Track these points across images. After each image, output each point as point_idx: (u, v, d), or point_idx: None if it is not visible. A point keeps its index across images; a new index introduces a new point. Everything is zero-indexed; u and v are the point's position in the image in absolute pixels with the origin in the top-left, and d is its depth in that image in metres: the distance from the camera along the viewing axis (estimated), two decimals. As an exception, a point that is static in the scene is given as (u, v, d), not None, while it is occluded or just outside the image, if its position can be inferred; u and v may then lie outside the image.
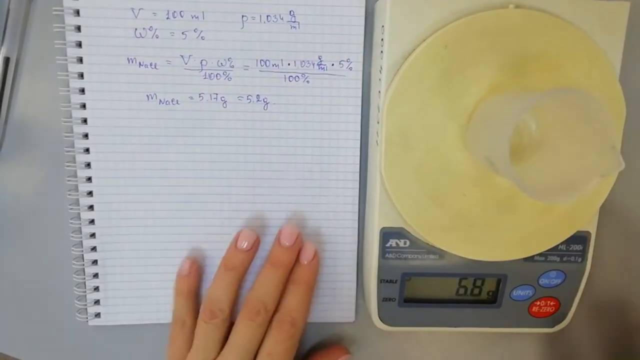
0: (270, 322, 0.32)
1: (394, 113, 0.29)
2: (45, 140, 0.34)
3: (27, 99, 0.34)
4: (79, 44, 0.32)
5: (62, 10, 0.32)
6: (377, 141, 0.30)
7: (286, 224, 0.34)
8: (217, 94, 0.34)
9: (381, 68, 0.30)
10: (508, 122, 0.23)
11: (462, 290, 0.34)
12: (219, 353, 0.32)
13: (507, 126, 0.23)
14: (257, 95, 0.34)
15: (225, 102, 0.34)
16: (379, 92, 0.30)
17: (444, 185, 0.30)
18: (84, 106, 0.33)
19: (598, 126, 0.23)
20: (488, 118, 0.27)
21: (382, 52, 0.29)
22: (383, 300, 0.34)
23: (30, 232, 0.36)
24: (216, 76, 0.33)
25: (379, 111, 0.30)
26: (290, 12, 0.32)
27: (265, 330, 0.32)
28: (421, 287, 0.33)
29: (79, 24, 0.32)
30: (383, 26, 0.29)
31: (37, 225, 0.35)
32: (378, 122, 0.30)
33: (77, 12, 0.32)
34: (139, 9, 0.32)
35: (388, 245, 0.32)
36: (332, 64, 0.33)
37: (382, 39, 0.29)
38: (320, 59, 0.33)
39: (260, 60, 0.33)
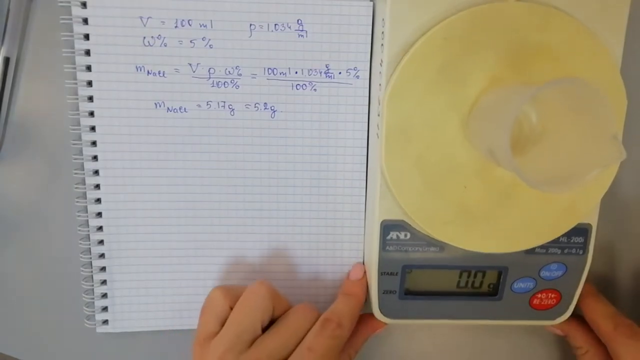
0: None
1: (395, 105, 0.27)
2: (46, 141, 0.33)
3: (28, 99, 0.32)
4: (88, 52, 0.31)
5: (71, 19, 0.30)
6: (377, 134, 0.29)
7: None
8: (224, 102, 0.32)
9: (382, 61, 0.28)
10: (509, 113, 0.22)
11: (462, 283, 0.32)
12: None
13: (508, 117, 0.21)
14: (265, 103, 0.32)
15: (232, 110, 0.32)
16: (380, 85, 0.29)
17: (445, 177, 0.28)
18: (92, 114, 0.32)
19: (599, 116, 0.22)
20: (489, 110, 0.26)
21: (382, 45, 0.28)
22: (383, 292, 0.32)
23: (35, 236, 0.34)
24: (224, 84, 0.32)
25: (379, 104, 0.29)
26: (298, 20, 0.31)
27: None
28: (422, 279, 0.32)
29: (87, 33, 0.31)
30: (383, 19, 0.28)
31: (42, 228, 0.34)
32: (379, 115, 0.29)
33: (86, 21, 0.31)
34: (148, 18, 0.31)
35: (389, 237, 0.30)
36: (340, 73, 0.32)
37: (382, 32, 0.28)
38: (327, 67, 0.32)
39: (268, 69, 0.32)
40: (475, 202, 0.28)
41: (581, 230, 0.31)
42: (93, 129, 0.32)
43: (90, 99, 0.31)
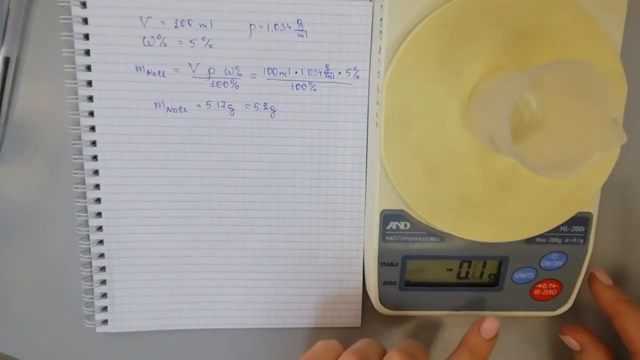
0: None
1: (394, 92, 0.27)
2: (46, 141, 0.33)
3: (28, 99, 0.32)
4: (87, 52, 0.31)
5: (71, 19, 0.30)
6: (376, 122, 0.29)
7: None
8: (224, 102, 0.32)
9: (380, 48, 0.28)
10: (509, 98, 0.22)
11: (463, 274, 0.32)
12: None
13: (508, 102, 0.21)
14: (265, 103, 0.32)
15: (232, 110, 0.32)
16: (378, 72, 0.28)
17: (445, 166, 0.28)
18: (92, 114, 0.32)
19: (599, 99, 0.22)
20: (488, 96, 0.26)
21: (380, 32, 0.28)
22: (384, 284, 0.32)
23: (35, 236, 0.34)
24: (224, 84, 0.32)
25: (378, 92, 0.28)
26: (298, 20, 0.31)
27: None
28: (422, 270, 0.32)
29: (87, 32, 0.31)
30: (382, 6, 0.28)
31: (42, 228, 0.34)
32: (377, 104, 0.28)
33: (86, 21, 0.30)
34: (147, 18, 0.30)
35: (388, 227, 0.30)
36: (339, 73, 0.32)
37: (380, 19, 0.28)
38: (327, 67, 0.32)
39: (268, 69, 0.32)
40: (476, 191, 0.28)
41: (582, 219, 0.31)
42: (93, 129, 0.32)
43: (90, 98, 0.31)
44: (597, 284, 0.32)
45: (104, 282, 0.34)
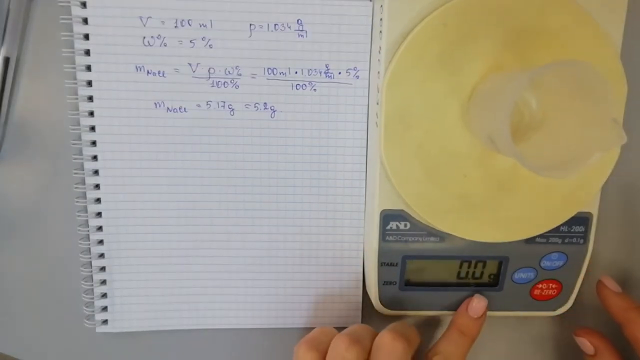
0: None
1: (394, 92, 0.27)
2: (46, 141, 0.33)
3: (28, 99, 0.32)
4: (88, 52, 0.31)
5: (70, 19, 0.30)
6: (376, 122, 0.29)
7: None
8: (224, 102, 0.32)
9: (380, 48, 0.28)
10: (508, 98, 0.22)
11: (463, 274, 0.32)
12: None
13: (508, 102, 0.21)
14: (265, 103, 0.32)
15: (232, 110, 0.32)
16: (378, 72, 0.28)
17: (445, 166, 0.28)
18: (92, 114, 0.32)
19: (599, 99, 0.22)
20: (488, 96, 0.26)
21: (380, 32, 0.28)
22: (384, 284, 0.32)
23: (35, 236, 0.34)
24: (224, 84, 0.32)
25: (378, 92, 0.28)
26: (298, 20, 0.31)
27: None
28: (422, 270, 0.32)
29: (87, 32, 0.31)
30: (382, 6, 0.28)
31: (42, 228, 0.34)
32: (378, 104, 0.28)
33: (86, 21, 0.30)
34: (147, 18, 0.30)
35: (388, 227, 0.30)
36: (339, 73, 0.32)
37: (380, 19, 0.28)
38: (327, 67, 0.32)
39: (268, 69, 0.32)
40: (476, 191, 0.28)
41: (582, 219, 0.31)
42: (93, 129, 0.32)
43: (90, 98, 0.31)
44: (605, 291, 0.32)
45: (104, 282, 0.34)
